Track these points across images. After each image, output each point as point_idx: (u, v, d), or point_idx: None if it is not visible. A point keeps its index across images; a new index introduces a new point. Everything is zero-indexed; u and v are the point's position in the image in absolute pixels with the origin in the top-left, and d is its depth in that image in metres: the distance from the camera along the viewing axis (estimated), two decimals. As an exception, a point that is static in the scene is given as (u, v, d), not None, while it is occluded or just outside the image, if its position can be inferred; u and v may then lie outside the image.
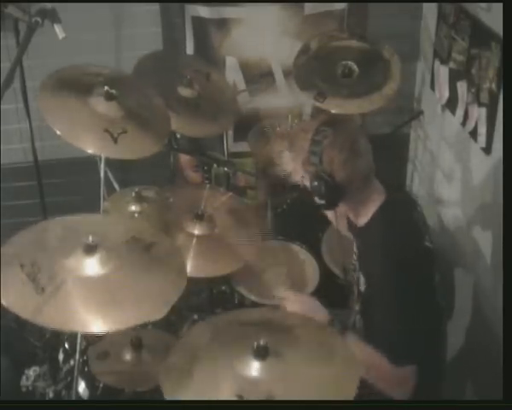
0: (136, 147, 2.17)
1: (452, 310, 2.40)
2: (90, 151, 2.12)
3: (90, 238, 1.69)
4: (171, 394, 1.54)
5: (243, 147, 3.15)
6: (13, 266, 1.65)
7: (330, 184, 1.89)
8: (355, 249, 2.10)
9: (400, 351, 1.84)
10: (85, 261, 1.68)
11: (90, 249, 1.69)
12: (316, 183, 1.91)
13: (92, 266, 1.68)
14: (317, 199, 1.94)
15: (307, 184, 1.98)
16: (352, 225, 2.11)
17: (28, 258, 1.68)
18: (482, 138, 2.59)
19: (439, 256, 2.04)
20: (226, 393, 1.52)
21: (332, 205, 1.96)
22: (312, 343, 1.68)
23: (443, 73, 2.94)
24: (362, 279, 1.99)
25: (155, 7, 3.08)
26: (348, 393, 1.53)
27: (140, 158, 2.15)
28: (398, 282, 1.85)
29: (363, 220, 1.99)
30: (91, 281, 1.66)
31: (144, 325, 2.35)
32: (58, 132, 2.05)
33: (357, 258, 2.05)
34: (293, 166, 2.02)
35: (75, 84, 2.22)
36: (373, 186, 1.98)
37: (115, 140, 2.08)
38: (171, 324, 2.51)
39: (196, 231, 2.41)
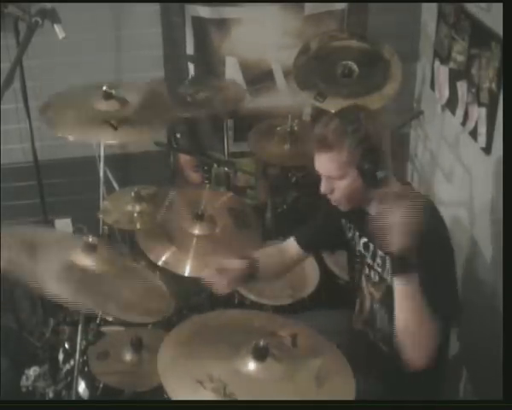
0: (138, 132, 2.18)
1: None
2: (92, 140, 2.13)
3: (90, 238, 1.70)
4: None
5: (243, 147, 3.15)
6: None
7: (383, 152, 1.85)
8: (364, 238, 2.07)
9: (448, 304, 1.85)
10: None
11: (90, 248, 1.70)
12: (371, 157, 1.83)
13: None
14: (379, 173, 1.85)
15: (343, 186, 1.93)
16: (357, 215, 2.07)
17: None
18: (482, 138, 2.59)
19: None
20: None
21: (389, 176, 1.90)
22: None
23: (443, 73, 2.94)
24: (388, 264, 1.95)
25: (155, 7, 3.08)
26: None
27: (140, 155, 2.16)
28: (431, 254, 1.80)
29: (379, 209, 1.92)
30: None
31: (144, 325, 2.36)
32: (59, 134, 2.06)
33: (377, 246, 1.99)
34: (330, 169, 1.92)
35: (75, 98, 2.25)
36: None
37: (115, 128, 2.10)
38: (171, 324, 2.51)
39: (196, 231, 2.41)
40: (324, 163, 1.91)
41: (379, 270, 2.03)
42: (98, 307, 1.67)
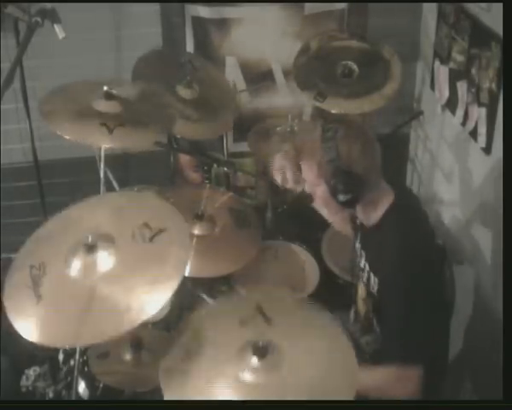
0: (133, 138, 2.16)
1: (452, 310, 2.40)
2: (86, 142, 2.11)
3: (90, 238, 1.68)
4: (171, 393, 1.54)
5: (243, 147, 3.15)
6: (24, 268, 1.63)
7: (353, 176, 1.85)
8: (361, 250, 2.09)
9: (412, 351, 1.85)
10: (86, 262, 1.66)
11: (90, 249, 1.68)
12: (338, 178, 1.85)
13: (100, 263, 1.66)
14: (341, 196, 1.87)
15: (318, 193, 1.96)
16: (357, 226, 2.10)
17: (38, 258, 1.65)
18: (482, 138, 2.59)
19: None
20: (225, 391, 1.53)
21: (357, 199, 1.89)
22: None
23: (443, 73, 2.94)
24: (373, 280, 1.98)
25: (155, 7, 3.08)
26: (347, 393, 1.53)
27: (140, 155, 2.14)
28: (413, 282, 1.83)
29: (372, 221, 1.98)
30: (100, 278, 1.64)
31: (144, 325, 2.36)
32: (57, 131, 2.05)
33: (366, 259, 2.03)
34: (308, 176, 1.98)
35: (76, 95, 2.23)
36: (382, 186, 1.97)
37: (111, 131, 2.08)
38: (172, 324, 2.51)
39: (196, 231, 2.41)
40: (303, 168, 1.99)
41: (365, 282, 2.03)
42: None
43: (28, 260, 1.66)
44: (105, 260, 1.66)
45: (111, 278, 1.64)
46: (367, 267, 2.01)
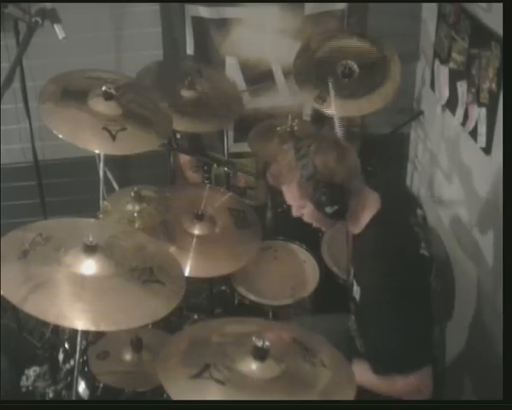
0: (135, 143, 2.17)
1: (452, 311, 2.40)
2: (89, 149, 2.12)
3: (90, 238, 1.70)
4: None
5: (243, 147, 3.15)
6: (34, 230, 1.75)
7: (335, 186, 1.86)
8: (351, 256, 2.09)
9: (386, 360, 1.84)
10: (82, 260, 1.71)
11: (88, 249, 1.69)
12: (321, 192, 1.87)
13: (88, 266, 1.70)
14: (328, 209, 1.88)
15: (306, 214, 1.99)
16: (347, 233, 2.10)
17: (51, 233, 1.78)
18: (482, 138, 2.59)
19: (439, 257, 2.03)
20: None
21: (344, 208, 1.90)
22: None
23: (443, 73, 2.94)
24: (355, 287, 1.96)
25: (155, 7, 3.08)
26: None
27: (139, 155, 2.15)
28: (392, 292, 1.83)
29: (357, 229, 1.98)
30: (83, 279, 1.69)
31: (144, 325, 2.36)
32: (58, 134, 2.05)
33: (352, 265, 2.04)
34: (291, 200, 2.00)
35: (75, 88, 2.23)
36: (366, 194, 1.96)
37: (113, 137, 2.09)
38: (171, 324, 2.51)
39: (196, 231, 2.41)
40: (285, 194, 2.00)
41: (351, 288, 2.03)
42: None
43: (44, 228, 1.79)
44: (92, 265, 1.71)
45: (86, 280, 1.69)
46: (352, 274, 2.01)
